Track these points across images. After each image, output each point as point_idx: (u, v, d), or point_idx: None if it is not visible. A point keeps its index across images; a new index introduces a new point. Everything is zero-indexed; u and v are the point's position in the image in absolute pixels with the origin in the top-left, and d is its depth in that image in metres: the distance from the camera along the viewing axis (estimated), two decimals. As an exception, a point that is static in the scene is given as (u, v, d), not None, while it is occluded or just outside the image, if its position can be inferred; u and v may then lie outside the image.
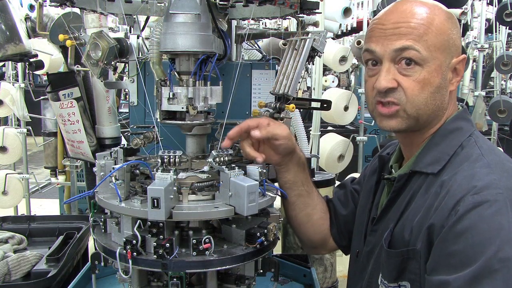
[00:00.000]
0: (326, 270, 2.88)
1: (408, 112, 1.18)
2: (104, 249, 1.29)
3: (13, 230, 2.42)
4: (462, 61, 1.20)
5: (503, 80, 6.16)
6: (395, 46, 1.15)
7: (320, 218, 1.52)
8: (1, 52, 2.00)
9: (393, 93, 1.17)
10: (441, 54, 1.16)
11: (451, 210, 1.04)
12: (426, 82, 1.15)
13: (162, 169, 1.22)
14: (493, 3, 4.28)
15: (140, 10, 1.57)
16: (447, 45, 1.16)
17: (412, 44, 1.13)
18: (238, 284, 1.35)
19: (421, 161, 1.21)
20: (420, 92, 1.16)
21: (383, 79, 1.17)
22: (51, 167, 3.97)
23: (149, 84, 1.71)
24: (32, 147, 5.19)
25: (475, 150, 1.15)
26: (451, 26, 1.18)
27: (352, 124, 5.37)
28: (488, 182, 1.05)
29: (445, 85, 1.19)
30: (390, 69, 1.17)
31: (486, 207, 1.00)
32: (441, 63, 1.16)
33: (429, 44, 1.14)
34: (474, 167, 1.10)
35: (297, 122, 2.64)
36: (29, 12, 2.62)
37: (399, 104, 1.17)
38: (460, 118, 1.24)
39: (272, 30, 2.43)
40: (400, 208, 1.21)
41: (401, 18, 1.16)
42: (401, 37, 1.15)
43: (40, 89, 4.36)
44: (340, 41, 5.67)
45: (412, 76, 1.15)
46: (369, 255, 1.31)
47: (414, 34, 1.14)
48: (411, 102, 1.17)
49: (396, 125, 1.20)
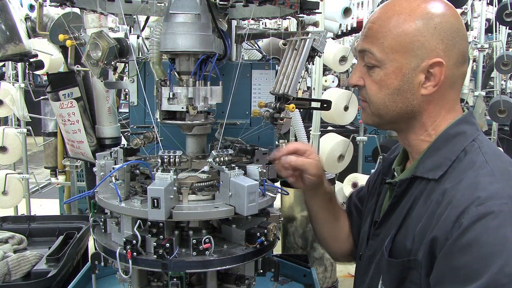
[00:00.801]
0: (326, 270, 2.88)
1: (372, 109, 1.22)
2: (104, 249, 1.29)
3: (13, 230, 2.42)
4: (436, 64, 1.12)
5: (503, 80, 6.15)
6: (359, 47, 1.21)
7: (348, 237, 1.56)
8: (1, 52, 2.00)
9: (361, 90, 1.23)
10: (401, 57, 1.13)
11: (455, 222, 1.01)
12: (383, 83, 1.16)
13: (162, 169, 1.22)
14: (493, 3, 4.27)
15: (140, 10, 1.57)
16: (410, 47, 1.12)
17: (369, 47, 1.16)
18: (238, 284, 1.35)
19: (422, 166, 1.18)
20: (377, 93, 1.18)
21: (352, 76, 1.23)
22: (51, 167, 3.97)
23: (149, 84, 1.71)
24: (32, 147, 5.19)
25: (479, 157, 1.11)
26: (421, 27, 1.12)
27: (352, 124, 5.37)
28: (492, 192, 1.01)
29: (409, 88, 1.15)
30: (360, 67, 1.22)
31: (490, 219, 0.97)
32: (401, 66, 1.14)
33: (385, 46, 1.14)
34: (477, 176, 1.06)
35: (297, 122, 2.64)
36: (29, 12, 2.62)
37: (365, 101, 1.23)
38: (464, 121, 1.20)
39: (272, 30, 2.43)
40: (401, 214, 1.19)
41: (371, 19, 1.19)
42: (364, 39, 1.19)
43: (40, 89, 4.35)
44: (340, 41, 5.66)
45: (372, 76, 1.18)
46: (371, 259, 1.30)
47: (372, 36, 1.16)
48: (371, 101, 1.20)
49: (364, 120, 1.26)
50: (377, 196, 1.38)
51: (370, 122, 1.26)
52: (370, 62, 1.17)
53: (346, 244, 1.56)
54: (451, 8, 1.16)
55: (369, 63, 1.18)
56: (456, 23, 1.14)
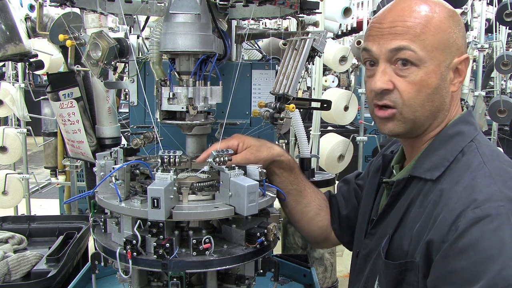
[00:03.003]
0: (326, 270, 2.88)
1: (405, 115, 1.15)
2: (104, 249, 1.29)
3: (13, 230, 2.42)
4: (464, 61, 1.16)
5: (503, 80, 6.15)
6: (390, 46, 1.12)
7: (316, 214, 1.54)
8: (1, 52, 2.00)
9: (388, 95, 1.15)
10: (440, 54, 1.12)
11: (451, 225, 1.00)
12: (423, 83, 1.12)
13: (162, 169, 1.22)
14: (493, 3, 4.27)
15: (140, 10, 1.57)
16: (447, 44, 1.12)
17: (408, 44, 1.10)
18: (238, 284, 1.35)
19: (420, 166, 1.17)
20: (417, 94, 1.13)
21: (378, 80, 1.15)
22: (51, 167, 3.97)
23: (149, 84, 1.71)
24: (32, 147, 5.20)
25: (477, 158, 1.10)
26: (451, 24, 1.13)
27: (352, 124, 5.38)
28: (489, 195, 1.00)
29: (444, 86, 1.15)
30: (385, 69, 1.15)
31: (487, 222, 0.96)
32: (440, 63, 1.12)
33: (426, 44, 1.10)
34: (474, 177, 1.05)
35: (297, 122, 2.64)
36: (29, 12, 2.62)
37: (395, 107, 1.15)
38: (462, 121, 1.19)
39: (272, 30, 2.43)
40: (398, 214, 1.18)
41: (398, 17, 1.13)
42: (397, 37, 1.12)
43: (40, 89, 4.37)
44: (340, 41, 5.66)
45: (408, 77, 1.12)
46: (366, 258, 1.29)
47: (410, 33, 1.11)
48: (408, 105, 1.14)
49: (393, 128, 1.18)
50: (375, 194, 1.37)
51: (401, 130, 1.18)
52: (411, 59, 1.11)
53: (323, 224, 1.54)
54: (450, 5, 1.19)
55: (410, 60, 1.11)
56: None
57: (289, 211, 1.55)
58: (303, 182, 1.52)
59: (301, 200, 1.52)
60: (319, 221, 1.55)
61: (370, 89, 1.20)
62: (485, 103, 4.69)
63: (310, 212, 1.53)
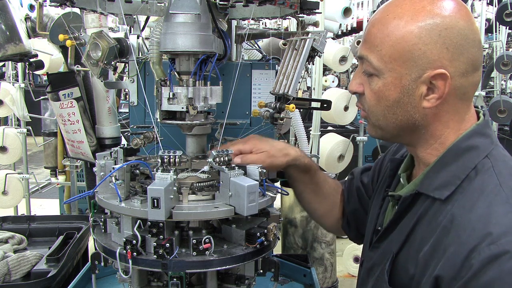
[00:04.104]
0: (326, 270, 2.88)
1: (372, 120, 1.14)
2: (104, 249, 1.29)
3: (13, 230, 2.43)
4: (439, 76, 1.01)
5: (503, 80, 6.15)
6: (358, 53, 1.13)
7: (330, 210, 1.56)
8: (1, 52, 2.00)
9: (361, 98, 1.15)
10: (401, 66, 1.03)
11: (464, 261, 0.91)
12: (381, 94, 1.07)
13: (162, 169, 1.22)
14: (493, 3, 4.28)
15: (140, 10, 1.57)
16: (410, 56, 1.02)
17: (366, 54, 1.08)
18: (238, 284, 1.35)
19: (428, 183, 1.08)
20: (376, 104, 1.10)
21: (351, 82, 1.15)
22: (51, 167, 3.97)
23: (149, 84, 1.71)
24: (32, 147, 5.19)
25: (492, 179, 0.99)
26: (424, 35, 1.01)
27: (352, 124, 5.37)
28: (506, 227, 0.91)
29: (409, 101, 1.05)
30: (359, 73, 1.13)
31: (505, 260, 0.87)
32: (401, 76, 1.04)
33: (383, 54, 1.04)
34: (490, 204, 0.95)
35: (297, 122, 2.65)
36: (29, 12, 2.62)
37: (365, 111, 1.15)
38: (477, 133, 1.07)
39: (272, 30, 2.43)
40: (404, 232, 1.10)
41: (371, 21, 1.10)
42: (363, 44, 1.10)
43: (40, 89, 4.37)
44: (340, 41, 5.66)
45: (371, 85, 1.10)
46: (369, 272, 1.22)
47: (370, 42, 1.07)
48: (370, 112, 1.13)
49: (369, 131, 1.19)
50: (382, 200, 1.31)
51: (373, 134, 1.17)
52: (368, 70, 1.09)
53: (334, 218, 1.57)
54: (461, 10, 1.03)
55: (367, 71, 1.09)
56: (466, 27, 1.01)
57: (303, 206, 1.61)
58: (319, 181, 1.52)
59: (314, 198, 1.54)
60: (332, 216, 1.57)
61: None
62: (485, 103, 4.69)
63: (323, 209, 1.57)
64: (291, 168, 1.44)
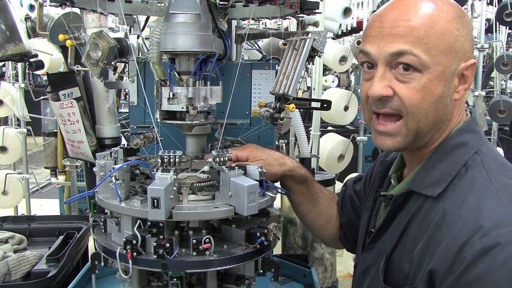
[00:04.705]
0: (326, 270, 2.88)
1: (409, 125, 1.05)
2: (104, 249, 1.29)
3: (13, 230, 2.42)
4: (471, 67, 1.04)
5: (503, 80, 6.16)
6: (391, 50, 1.01)
7: (326, 222, 1.55)
8: (1, 52, 2.00)
9: (389, 103, 1.05)
10: (445, 59, 1.01)
11: (456, 254, 0.92)
12: (427, 90, 1.01)
13: (162, 169, 1.22)
14: (493, 3, 4.27)
15: (140, 10, 1.57)
16: (453, 48, 1.01)
17: (410, 48, 0.99)
18: (238, 284, 1.35)
19: (419, 181, 1.08)
20: (421, 102, 1.02)
21: (376, 85, 1.04)
22: (51, 167, 3.97)
23: (149, 84, 1.71)
24: (32, 147, 5.19)
25: (482, 174, 1.00)
26: (459, 26, 1.02)
27: (352, 124, 5.37)
28: (497, 219, 0.92)
29: (448, 94, 1.04)
30: (385, 74, 1.04)
31: (496, 253, 0.88)
32: (445, 69, 1.01)
33: (430, 47, 0.99)
34: (480, 198, 0.96)
35: (297, 122, 2.64)
36: (29, 12, 2.62)
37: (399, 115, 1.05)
38: (466, 130, 1.09)
39: (272, 30, 2.43)
40: (397, 231, 1.10)
41: (401, 15, 1.01)
42: (398, 39, 1.00)
43: (40, 89, 4.37)
44: (340, 41, 5.66)
45: (411, 84, 1.01)
46: (365, 273, 1.22)
47: (413, 35, 1.00)
48: (409, 114, 1.03)
49: (392, 145, 1.08)
50: (373, 203, 1.31)
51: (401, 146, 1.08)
52: (413, 64, 1.00)
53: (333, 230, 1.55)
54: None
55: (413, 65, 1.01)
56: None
57: (301, 218, 1.59)
58: (316, 193, 1.51)
59: (312, 209, 1.52)
60: (329, 228, 1.56)
61: (366, 94, 1.09)
62: (485, 103, 4.69)
63: (320, 220, 1.55)
64: (287, 178, 1.44)
